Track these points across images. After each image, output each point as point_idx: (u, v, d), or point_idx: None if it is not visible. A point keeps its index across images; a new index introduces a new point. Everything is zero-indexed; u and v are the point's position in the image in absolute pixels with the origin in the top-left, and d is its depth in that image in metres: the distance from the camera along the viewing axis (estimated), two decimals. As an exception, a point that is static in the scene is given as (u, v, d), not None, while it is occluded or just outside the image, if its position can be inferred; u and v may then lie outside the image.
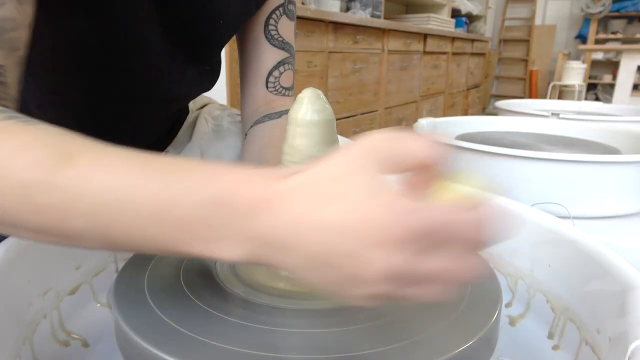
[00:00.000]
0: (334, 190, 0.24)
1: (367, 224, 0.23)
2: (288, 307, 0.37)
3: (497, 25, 6.21)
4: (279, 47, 0.67)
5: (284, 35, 0.67)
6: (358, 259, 0.23)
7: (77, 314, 0.47)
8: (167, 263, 0.44)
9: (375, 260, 0.23)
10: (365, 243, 0.23)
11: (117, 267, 0.52)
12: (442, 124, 1.51)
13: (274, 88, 0.67)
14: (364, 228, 0.23)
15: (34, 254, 0.41)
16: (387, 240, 0.23)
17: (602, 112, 2.22)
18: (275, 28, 0.66)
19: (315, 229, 0.24)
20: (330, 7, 2.52)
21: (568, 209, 0.89)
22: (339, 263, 0.24)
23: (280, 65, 0.67)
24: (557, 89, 5.12)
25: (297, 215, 0.25)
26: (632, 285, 0.34)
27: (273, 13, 0.66)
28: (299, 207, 0.25)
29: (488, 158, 1.00)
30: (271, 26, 0.66)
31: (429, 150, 0.25)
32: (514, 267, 0.52)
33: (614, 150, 1.24)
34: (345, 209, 0.24)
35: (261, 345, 0.32)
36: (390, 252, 0.23)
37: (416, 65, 3.29)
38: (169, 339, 0.32)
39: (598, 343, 0.38)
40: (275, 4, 0.66)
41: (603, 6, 5.42)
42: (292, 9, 0.68)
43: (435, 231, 0.23)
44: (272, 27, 0.66)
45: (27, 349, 0.39)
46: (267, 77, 0.67)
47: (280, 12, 0.66)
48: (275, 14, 0.66)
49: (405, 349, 0.32)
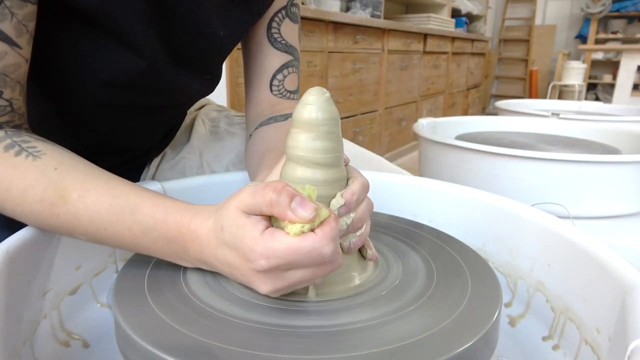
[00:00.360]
0: (224, 237, 0.35)
1: (242, 262, 0.34)
2: (288, 307, 0.37)
3: (497, 25, 6.21)
4: (282, 50, 0.66)
5: (287, 38, 0.67)
6: (249, 281, 0.36)
7: (77, 314, 0.47)
8: (168, 263, 0.44)
9: (259, 283, 0.35)
10: (248, 273, 0.35)
11: (117, 267, 0.52)
12: (442, 124, 1.51)
13: (279, 91, 0.67)
14: (241, 264, 0.35)
15: (34, 254, 0.41)
16: (257, 271, 0.34)
17: (602, 112, 2.22)
18: (279, 31, 0.66)
19: (221, 263, 0.37)
20: (330, 7, 2.52)
21: (568, 209, 0.89)
22: (242, 280, 0.37)
23: (284, 68, 0.67)
24: (557, 89, 5.12)
25: (211, 253, 0.37)
26: (632, 285, 0.34)
27: (275, 16, 0.65)
28: (211, 249, 0.37)
29: (488, 158, 1.00)
30: (274, 29, 0.66)
31: (265, 202, 0.33)
32: (514, 267, 0.52)
33: (614, 150, 1.24)
34: (231, 253, 0.35)
35: (261, 345, 0.32)
36: (264, 277, 0.34)
37: (416, 65, 3.29)
38: (169, 339, 0.32)
39: (598, 343, 0.38)
40: (277, 6, 0.65)
41: (603, 6, 5.42)
42: (295, 11, 0.68)
43: (285, 263, 0.33)
44: (274, 30, 0.66)
45: (27, 349, 0.39)
46: (271, 81, 0.66)
47: (283, 15, 0.66)
48: (277, 16, 0.66)
49: (405, 349, 0.32)
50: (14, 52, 0.41)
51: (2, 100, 0.42)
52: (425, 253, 0.47)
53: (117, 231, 0.39)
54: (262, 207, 0.33)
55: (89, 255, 0.49)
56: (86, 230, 0.40)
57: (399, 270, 0.43)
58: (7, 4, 0.39)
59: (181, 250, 0.39)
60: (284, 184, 0.34)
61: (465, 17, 4.78)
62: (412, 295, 0.39)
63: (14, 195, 0.40)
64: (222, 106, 0.88)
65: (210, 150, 0.75)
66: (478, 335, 0.33)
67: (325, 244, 0.33)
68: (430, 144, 1.16)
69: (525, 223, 0.50)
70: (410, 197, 0.63)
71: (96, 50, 0.49)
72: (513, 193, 0.98)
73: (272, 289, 0.35)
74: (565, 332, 0.43)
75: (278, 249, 0.32)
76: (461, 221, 0.58)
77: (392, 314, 0.36)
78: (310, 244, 0.32)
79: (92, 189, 0.40)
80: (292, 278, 0.34)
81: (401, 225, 0.55)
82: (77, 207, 0.39)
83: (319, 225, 0.33)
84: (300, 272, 0.34)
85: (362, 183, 0.40)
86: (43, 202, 0.39)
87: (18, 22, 0.40)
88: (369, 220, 0.42)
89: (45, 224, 0.41)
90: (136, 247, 0.40)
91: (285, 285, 0.34)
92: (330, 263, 0.34)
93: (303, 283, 0.35)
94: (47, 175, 0.40)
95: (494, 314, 0.36)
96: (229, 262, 0.36)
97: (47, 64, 0.49)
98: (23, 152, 0.40)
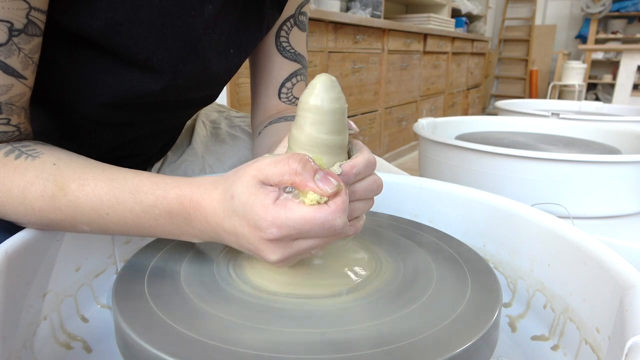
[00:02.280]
0: (233, 206, 0.35)
1: (251, 230, 0.34)
2: (288, 307, 0.37)
3: (497, 25, 6.21)
4: (291, 58, 0.66)
5: (295, 46, 0.67)
6: (257, 249, 0.35)
7: (78, 315, 0.47)
8: (168, 263, 0.44)
9: (267, 252, 0.34)
10: (256, 242, 0.34)
11: (117, 268, 0.52)
12: (442, 124, 1.51)
13: (287, 99, 0.67)
14: (250, 232, 0.34)
15: (34, 255, 0.41)
16: (267, 239, 0.33)
17: (602, 112, 2.22)
18: (287, 40, 0.66)
19: (227, 233, 0.36)
20: (330, 7, 2.53)
21: (568, 209, 0.89)
22: (249, 249, 0.36)
23: (293, 76, 0.67)
24: (557, 89, 5.12)
25: (217, 223, 0.37)
26: (631, 284, 0.34)
27: (284, 25, 0.65)
28: (217, 218, 0.36)
29: (488, 158, 1.00)
30: (282, 38, 0.65)
31: (290, 170, 0.33)
32: (514, 267, 0.52)
33: (614, 150, 1.24)
34: (239, 222, 0.35)
35: (261, 345, 0.32)
36: (273, 246, 0.34)
37: (416, 65, 3.29)
38: (169, 339, 0.32)
39: (598, 342, 0.38)
40: (285, 16, 0.65)
41: (603, 6, 5.42)
42: (303, 20, 0.68)
43: (297, 232, 0.33)
44: (283, 39, 0.66)
45: (27, 350, 0.39)
46: (280, 89, 0.66)
47: (291, 24, 0.66)
48: (286, 25, 0.65)
49: (405, 349, 0.32)
50: (20, 84, 0.42)
51: (11, 127, 0.43)
52: (425, 253, 0.47)
53: (119, 214, 0.39)
54: (284, 176, 0.33)
55: (88, 256, 0.49)
56: (89, 219, 0.40)
57: (399, 270, 0.43)
58: (15, 41, 0.40)
59: (184, 223, 0.38)
60: (308, 157, 0.34)
61: (465, 17, 4.78)
62: (411, 295, 0.39)
63: (15, 195, 0.40)
64: (223, 105, 0.88)
65: (212, 153, 0.75)
66: (478, 335, 0.33)
67: (338, 216, 0.33)
68: (430, 144, 1.16)
69: (525, 223, 0.50)
70: (410, 197, 0.63)
71: (99, 73, 0.49)
72: (513, 193, 0.98)
73: (281, 257, 0.34)
74: (565, 332, 0.43)
75: (291, 218, 0.32)
76: (461, 221, 0.58)
77: (392, 314, 0.36)
78: (323, 216, 0.32)
79: (91, 178, 0.40)
80: (301, 247, 0.34)
81: (401, 225, 0.55)
82: (77, 196, 0.40)
83: (330, 197, 0.33)
84: (310, 241, 0.34)
85: (366, 159, 0.38)
86: (44, 196, 0.40)
87: (25, 56, 0.41)
88: (371, 203, 0.40)
89: (48, 219, 0.41)
90: (140, 229, 0.40)
91: (293, 254, 0.34)
92: (339, 234, 0.34)
93: (310, 252, 0.35)
94: (45, 171, 0.41)
95: (494, 314, 0.36)
96: (236, 231, 0.35)
97: (48, 86, 0.49)
98: (22, 154, 0.42)
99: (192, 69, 0.53)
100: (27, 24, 0.40)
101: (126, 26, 0.46)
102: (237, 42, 0.59)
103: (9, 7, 0.38)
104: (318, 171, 0.34)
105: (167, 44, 0.50)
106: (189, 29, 0.50)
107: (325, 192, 0.33)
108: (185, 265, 0.43)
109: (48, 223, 0.42)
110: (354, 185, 0.38)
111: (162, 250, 0.46)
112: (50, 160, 0.41)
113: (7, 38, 0.39)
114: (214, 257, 0.45)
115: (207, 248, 0.47)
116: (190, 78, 0.54)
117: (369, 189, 0.39)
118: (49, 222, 0.41)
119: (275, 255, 0.34)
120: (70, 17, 0.44)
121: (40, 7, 0.40)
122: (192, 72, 0.53)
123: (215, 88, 0.62)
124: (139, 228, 0.40)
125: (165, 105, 0.57)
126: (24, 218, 0.42)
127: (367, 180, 0.39)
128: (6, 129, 0.43)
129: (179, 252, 0.46)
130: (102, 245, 0.51)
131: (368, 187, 0.39)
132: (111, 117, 0.54)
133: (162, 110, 0.58)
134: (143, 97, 0.52)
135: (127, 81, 0.50)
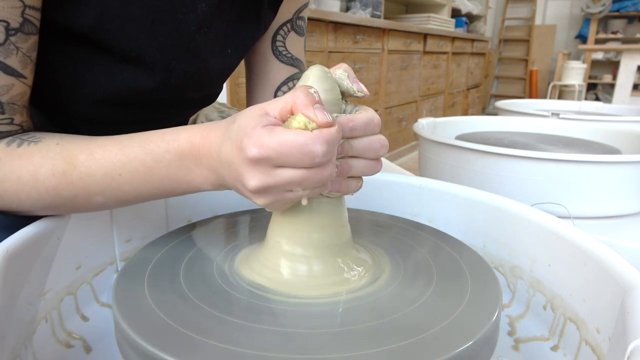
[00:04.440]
0: (230, 131, 0.35)
1: (237, 153, 0.34)
2: (288, 308, 0.37)
3: (497, 25, 6.21)
4: (288, 63, 0.66)
5: (292, 51, 0.66)
6: (240, 175, 0.35)
7: (78, 314, 0.47)
8: (168, 263, 0.44)
9: (247, 176, 0.34)
10: (239, 165, 0.34)
11: (117, 267, 0.52)
12: (442, 124, 1.51)
13: None
14: (235, 156, 0.34)
15: (34, 254, 0.41)
16: (248, 159, 0.33)
17: (602, 112, 2.22)
18: (284, 44, 0.66)
19: (223, 163, 0.36)
20: (330, 7, 2.52)
21: (568, 209, 0.89)
22: (234, 178, 0.36)
23: (289, 80, 0.66)
24: (557, 89, 5.12)
25: (217, 155, 0.37)
26: (632, 285, 0.34)
27: (280, 29, 0.65)
28: (217, 146, 0.37)
29: (488, 158, 1.00)
30: (279, 42, 0.65)
31: (293, 97, 0.34)
32: (514, 267, 0.52)
33: (614, 150, 1.24)
34: (230, 146, 0.35)
35: (261, 345, 0.32)
36: (253, 169, 0.34)
37: (416, 65, 3.29)
38: (168, 338, 0.32)
39: (598, 343, 0.38)
40: (282, 20, 0.65)
41: (603, 6, 5.42)
42: (301, 24, 0.67)
43: (276, 154, 0.33)
44: (279, 43, 0.65)
45: (27, 349, 0.39)
46: (276, 92, 0.66)
47: (288, 28, 0.65)
48: (282, 29, 0.65)
49: (405, 349, 0.32)
50: (20, 83, 0.43)
51: (14, 126, 0.44)
52: (425, 253, 0.47)
53: (131, 171, 0.40)
54: (287, 98, 0.34)
55: (89, 254, 0.49)
56: (102, 187, 0.41)
57: (399, 271, 0.43)
58: (12, 40, 0.40)
59: (194, 163, 0.39)
60: (315, 89, 0.35)
61: (465, 17, 4.78)
62: (411, 295, 0.39)
63: (26, 180, 0.41)
64: (223, 103, 0.88)
65: None
66: (478, 335, 0.33)
67: (318, 142, 0.32)
68: (430, 144, 1.16)
69: (525, 223, 0.50)
70: (410, 197, 0.63)
71: (91, 70, 0.49)
72: (513, 193, 0.98)
73: (259, 184, 0.34)
74: (565, 332, 0.43)
75: (273, 140, 0.32)
76: (461, 221, 0.58)
77: (392, 314, 0.36)
78: (304, 140, 0.32)
79: (97, 146, 0.41)
80: (282, 177, 0.33)
81: (401, 225, 0.55)
82: (88, 165, 0.40)
83: (319, 127, 0.33)
84: (290, 171, 0.33)
85: (369, 117, 0.37)
86: (54, 174, 0.40)
87: (23, 55, 0.42)
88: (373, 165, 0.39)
89: (62, 198, 0.41)
90: (153, 185, 0.40)
91: (273, 183, 0.34)
92: (320, 169, 0.34)
93: (292, 187, 0.34)
94: (51, 151, 0.41)
95: (493, 314, 0.36)
96: (227, 159, 0.35)
97: (41, 84, 0.49)
98: (24, 142, 0.42)
99: (186, 67, 0.53)
100: (23, 22, 0.40)
101: (117, 22, 0.46)
102: (234, 42, 0.59)
103: (3, 6, 0.38)
104: (318, 103, 0.34)
105: (159, 41, 0.50)
106: (180, 26, 0.50)
107: (314, 119, 0.33)
108: (186, 264, 0.43)
109: (62, 203, 0.42)
110: (353, 140, 0.37)
111: (163, 250, 0.46)
112: (53, 141, 0.42)
113: (4, 38, 0.39)
114: (214, 256, 0.45)
115: (208, 248, 0.47)
116: (185, 76, 0.54)
117: (369, 147, 0.38)
118: (64, 201, 0.41)
119: (254, 180, 0.34)
120: (62, 13, 0.44)
121: (34, 4, 0.41)
122: (187, 70, 0.53)
123: (212, 88, 0.62)
124: (151, 184, 0.40)
125: (161, 104, 0.57)
126: (39, 202, 0.42)
127: (370, 138, 0.38)
128: (10, 128, 0.43)
129: (180, 251, 0.46)
130: (102, 243, 0.51)
131: (368, 145, 0.38)
132: (106, 116, 0.54)
133: (159, 110, 0.58)
134: (137, 95, 0.52)
135: (120, 78, 0.50)
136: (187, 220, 0.59)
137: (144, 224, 0.55)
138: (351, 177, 0.39)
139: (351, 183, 0.39)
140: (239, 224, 0.55)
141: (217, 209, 0.62)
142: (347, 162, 0.38)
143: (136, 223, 0.54)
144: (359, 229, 0.52)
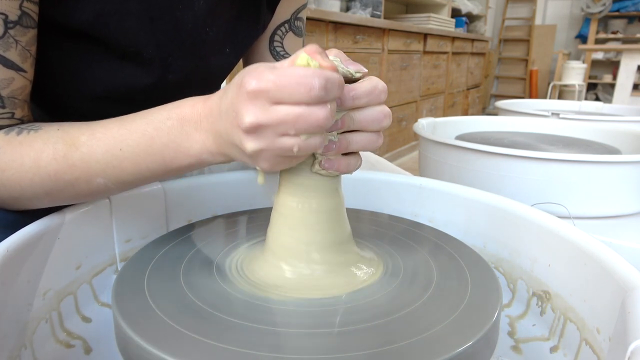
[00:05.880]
0: (235, 79, 0.34)
1: (236, 90, 0.34)
2: (289, 307, 0.37)
3: (497, 25, 6.21)
4: None
5: (290, 51, 0.66)
6: (236, 109, 0.34)
7: (78, 314, 0.47)
8: (168, 263, 0.44)
9: (243, 112, 0.33)
10: (237, 101, 0.33)
11: (117, 267, 0.52)
12: (442, 124, 1.51)
13: None
14: (234, 94, 0.34)
15: (34, 253, 0.41)
16: (247, 94, 0.33)
17: (602, 112, 2.22)
18: (281, 45, 0.66)
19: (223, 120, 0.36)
20: (330, 7, 2.52)
21: (568, 209, 0.89)
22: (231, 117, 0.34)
23: None
24: (557, 89, 5.12)
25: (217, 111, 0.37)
26: (632, 285, 0.34)
27: (278, 29, 0.65)
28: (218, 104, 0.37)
29: (488, 158, 1.00)
30: (276, 42, 0.65)
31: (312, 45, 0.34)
32: (514, 267, 0.52)
33: (614, 150, 1.24)
34: (232, 90, 0.34)
35: (261, 345, 0.32)
36: (250, 104, 0.33)
37: (416, 65, 3.29)
38: (169, 339, 0.32)
39: (598, 343, 0.38)
40: (280, 20, 0.65)
41: (603, 6, 5.42)
42: (300, 25, 0.67)
43: (274, 87, 0.32)
44: (277, 43, 0.65)
45: (27, 349, 0.39)
46: None
47: (286, 29, 0.65)
48: (280, 30, 0.65)
49: (405, 349, 0.32)
50: (20, 77, 0.43)
51: (15, 120, 0.44)
52: (425, 253, 0.47)
53: (132, 144, 0.40)
54: (301, 46, 0.34)
55: (89, 254, 0.49)
56: (103, 166, 0.40)
57: (399, 271, 0.43)
58: (11, 33, 0.40)
59: (194, 127, 0.38)
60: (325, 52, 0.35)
61: (465, 17, 4.78)
62: (411, 295, 0.39)
63: (28, 167, 0.41)
64: None
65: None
66: (478, 335, 0.33)
67: (317, 76, 0.32)
68: (430, 144, 1.16)
69: (526, 223, 0.50)
70: (410, 197, 0.63)
71: (90, 66, 0.49)
72: (513, 193, 0.98)
73: (254, 120, 0.32)
74: (566, 333, 0.43)
75: (273, 73, 0.32)
76: (461, 221, 0.58)
77: (392, 314, 0.36)
78: (302, 72, 0.32)
79: (98, 126, 0.41)
80: (277, 114, 0.32)
81: (401, 225, 0.55)
82: (89, 145, 0.40)
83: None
84: (285, 108, 0.32)
85: (373, 84, 0.36)
86: (56, 158, 0.40)
87: (22, 48, 0.42)
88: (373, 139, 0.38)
89: (63, 182, 0.41)
90: (153, 156, 0.40)
91: (267, 121, 0.32)
92: (316, 107, 0.32)
93: (286, 127, 0.33)
94: (52, 136, 0.41)
95: (493, 314, 0.36)
96: (227, 103, 0.35)
97: (40, 80, 0.49)
98: (23, 130, 0.42)
99: (184, 64, 0.53)
100: (22, 15, 0.40)
101: (115, 18, 0.46)
102: (233, 41, 0.59)
103: None
104: (328, 57, 0.34)
105: (157, 37, 0.50)
106: (177, 23, 0.51)
107: (324, 61, 0.33)
108: (186, 264, 0.43)
109: (63, 187, 0.42)
110: (355, 112, 0.36)
111: (163, 250, 0.46)
112: (53, 127, 0.42)
113: (3, 30, 0.39)
114: (214, 257, 0.45)
115: (208, 248, 0.47)
116: (182, 73, 0.54)
117: (372, 118, 0.36)
118: (64, 184, 0.41)
119: (249, 115, 0.33)
120: (61, 9, 0.44)
121: None
122: (184, 67, 0.53)
123: (211, 87, 0.62)
124: (151, 156, 0.40)
125: (160, 102, 0.57)
126: (41, 189, 0.42)
127: (373, 109, 0.36)
128: (11, 122, 0.43)
129: (180, 251, 0.46)
130: (102, 243, 0.50)
131: (371, 117, 0.36)
132: (106, 112, 0.54)
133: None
134: (135, 91, 0.52)
135: (118, 74, 0.50)
136: (187, 220, 0.59)
137: (144, 224, 0.55)
138: (350, 154, 0.39)
139: (350, 161, 0.38)
140: (239, 224, 0.55)
141: (217, 209, 0.62)
142: (345, 137, 0.37)
143: (136, 223, 0.54)
144: (359, 229, 0.52)
